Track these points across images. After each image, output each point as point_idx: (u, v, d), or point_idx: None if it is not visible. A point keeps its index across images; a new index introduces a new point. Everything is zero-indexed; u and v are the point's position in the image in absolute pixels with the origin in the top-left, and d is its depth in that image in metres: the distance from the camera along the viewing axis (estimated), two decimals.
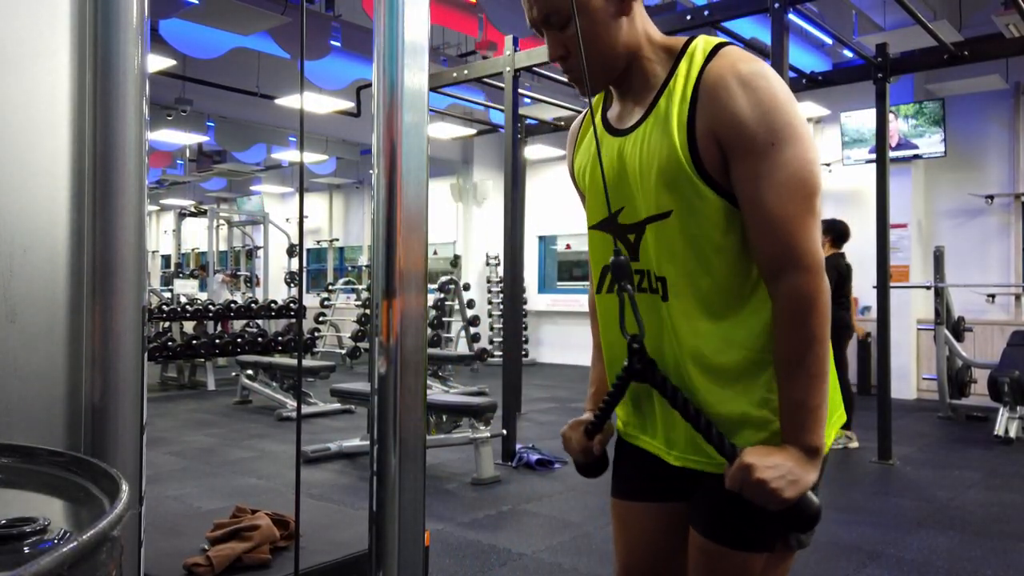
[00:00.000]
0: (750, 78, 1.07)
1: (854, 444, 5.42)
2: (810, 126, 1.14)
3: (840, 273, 5.40)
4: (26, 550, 0.56)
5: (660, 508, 1.28)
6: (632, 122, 1.18)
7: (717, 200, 1.10)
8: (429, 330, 9.67)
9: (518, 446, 4.90)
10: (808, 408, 1.07)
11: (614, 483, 1.36)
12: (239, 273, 11.91)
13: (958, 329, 6.69)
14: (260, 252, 11.72)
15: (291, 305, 9.14)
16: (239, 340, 8.29)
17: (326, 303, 12.12)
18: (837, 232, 5.50)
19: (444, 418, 4.62)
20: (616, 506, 1.35)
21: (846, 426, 5.44)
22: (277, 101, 8.42)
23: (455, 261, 11.40)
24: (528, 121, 8.74)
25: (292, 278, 12.30)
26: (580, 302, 10.64)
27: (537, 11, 1.15)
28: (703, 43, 1.14)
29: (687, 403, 1.11)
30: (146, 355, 1.14)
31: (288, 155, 11.13)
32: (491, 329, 11.21)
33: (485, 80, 5.79)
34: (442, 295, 10.34)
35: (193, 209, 11.96)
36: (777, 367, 1.10)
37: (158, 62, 6.60)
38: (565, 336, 11.16)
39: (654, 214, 1.14)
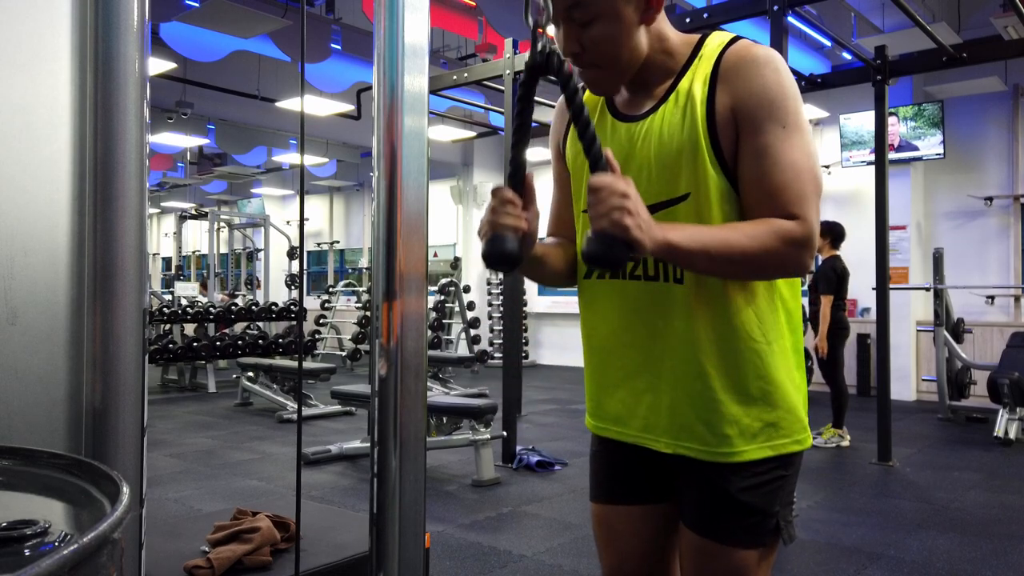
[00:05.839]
0: (769, 59, 1.10)
1: (846, 442, 5.44)
2: (809, 127, 1.17)
3: (838, 275, 5.42)
4: (27, 552, 0.56)
5: (647, 510, 1.28)
6: (646, 108, 1.18)
7: (725, 183, 1.11)
8: (429, 332, 9.67)
9: (518, 448, 4.90)
10: (700, 238, 1.05)
11: (594, 488, 1.35)
12: (238, 293, 11.93)
13: (957, 331, 6.69)
14: (261, 255, 11.72)
15: (292, 307, 9.14)
16: (240, 342, 8.29)
17: (326, 305, 12.12)
18: (835, 234, 5.52)
19: (444, 420, 4.62)
20: (600, 511, 1.33)
21: (838, 424, 5.45)
22: (278, 104, 8.43)
23: (455, 263, 11.40)
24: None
25: (293, 280, 12.30)
26: None
27: (562, 1, 1.11)
28: (719, 36, 1.17)
29: (581, 117, 1.05)
30: (147, 357, 1.14)
31: (289, 158, 11.13)
32: (491, 331, 11.21)
33: (485, 83, 5.79)
34: (442, 297, 10.34)
35: (194, 212, 11.95)
36: (729, 224, 1.09)
37: (159, 65, 6.60)
38: (565, 338, 11.16)
39: (669, 198, 1.14)
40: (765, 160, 1.08)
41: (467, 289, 10.91)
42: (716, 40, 1.16)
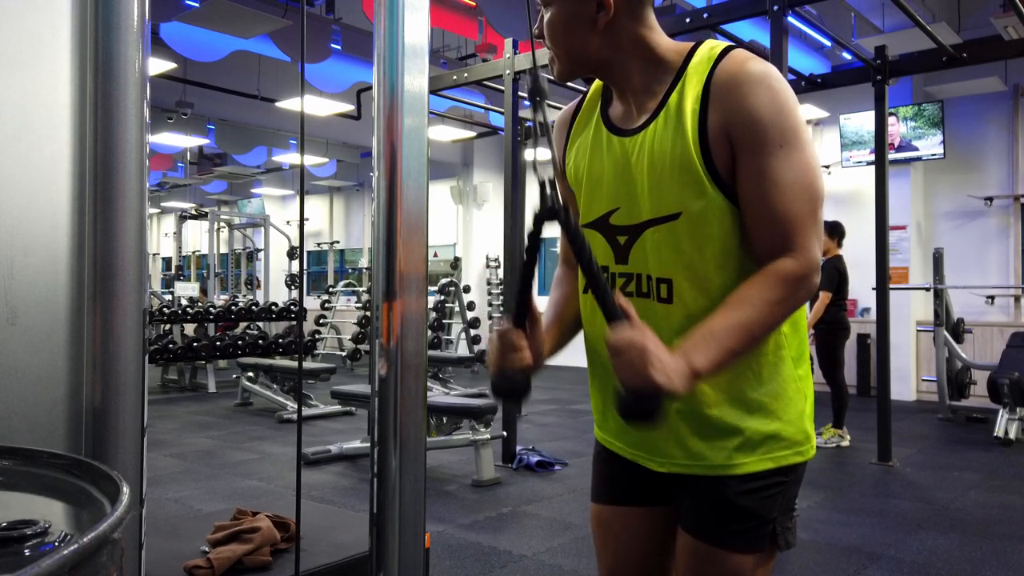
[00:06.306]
0: (763, 77, 1.08)
1: (846, 442, 5.44)
2: (809, 128, 1.16)
3: (841, 274, 5.43)
4: (27, 552, 0.56)
5: (647, 512, 1.27)
6: (639, 123, 1.16)
7: (723, 200, 1.09)
8: (429, 332, 9.66)
9: (518, 448, 4.90)
10: (720, 341, 1.03)
11: (596, 488, 1.35)
12: (238, 298, 11.95)
13: (957, 331, 6.69)
14: (261, 255, 11.73)
15: (292, 307, 9.14)
16: (240, 342, 8.28)
17: (326, 305, 12.12)
18: (840, 233, 5.54)
19: (444, 420, 4.62)
20: (601, 511, 1.33)
21: (838, 424, 5.45)
22: (278, 104, 8.43)
23: (455, 263, 11.40)
24: (528, 123, 8.72)
25: (293, 280, 12.30)
26: None
27: None
28: (710, 46, 1.14)
29: (592, 263, 1.05)
30: (147, 357, 1.14)
31: (289, 158, 11.13)
32: (491, 331, 11.19)
33: (485, 83, 5.79)
34: (442, 297, 10.34)
35: (194, 212, 11.96)
36: (726, 302, 1.07)
37: (159, 65, 6.60)
38: None
39: (661, 216, 1.12)
40: (763, 182, 1.07)
41: (467, 289, 10.91)
42: (706, 52, 1.13)
